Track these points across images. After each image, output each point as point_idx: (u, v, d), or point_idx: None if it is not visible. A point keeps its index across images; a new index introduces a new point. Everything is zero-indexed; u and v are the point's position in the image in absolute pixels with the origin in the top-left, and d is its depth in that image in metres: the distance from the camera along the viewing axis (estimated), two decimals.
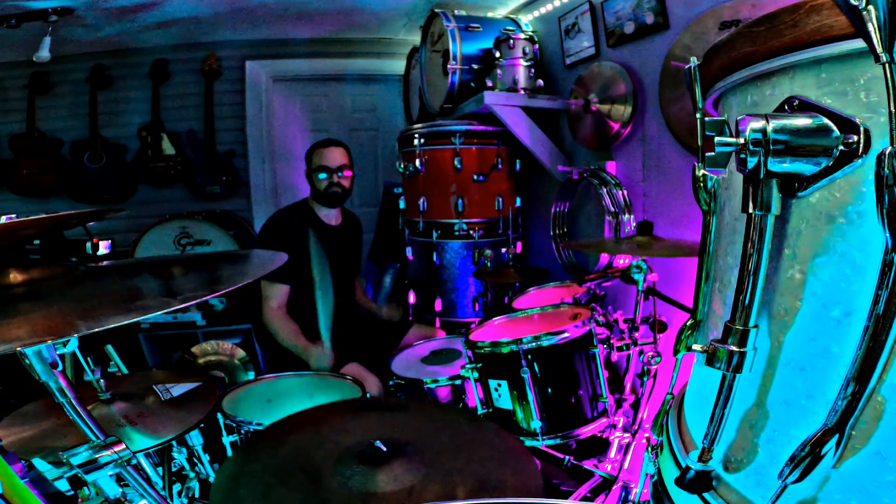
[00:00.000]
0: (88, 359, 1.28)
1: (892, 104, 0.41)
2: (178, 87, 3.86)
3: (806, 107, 0.50)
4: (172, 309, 0.74)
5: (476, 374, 1.63)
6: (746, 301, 0.53)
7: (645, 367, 1.62)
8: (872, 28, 0.40)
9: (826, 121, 0.48)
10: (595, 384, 1.59)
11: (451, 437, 1.11)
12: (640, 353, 1.66)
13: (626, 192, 2.34)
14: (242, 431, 1.56)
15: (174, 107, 3.85)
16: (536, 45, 2.84)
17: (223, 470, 1.06)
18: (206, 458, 1.56)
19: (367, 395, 1.72)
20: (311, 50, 4.00)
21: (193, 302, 0.75)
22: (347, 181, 2.45)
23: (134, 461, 0.81)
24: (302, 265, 2.29)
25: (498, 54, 2.71)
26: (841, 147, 0.47)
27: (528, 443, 1.54)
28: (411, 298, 3.09)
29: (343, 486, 0.96)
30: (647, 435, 1.56)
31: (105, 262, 1.07)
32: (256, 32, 3.79)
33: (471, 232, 2.85)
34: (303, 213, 2.46)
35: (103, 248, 3.12)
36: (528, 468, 0.99)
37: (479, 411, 1.64)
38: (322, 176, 2.40)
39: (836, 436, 0.46)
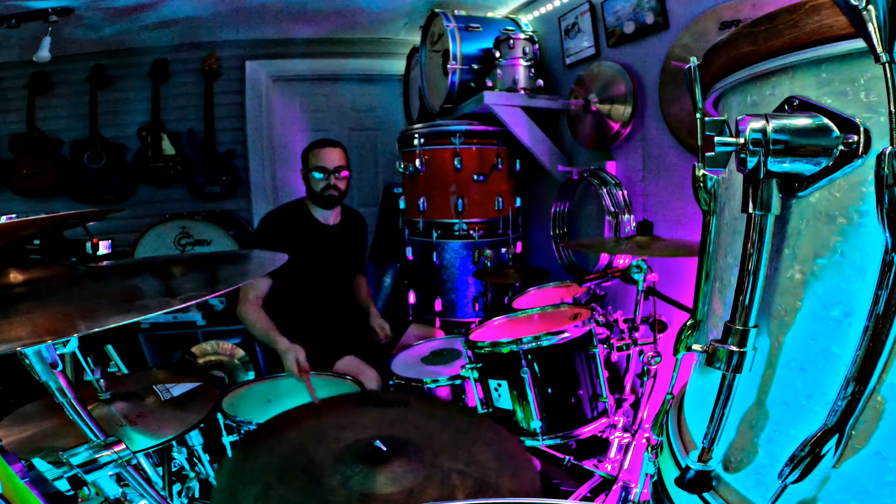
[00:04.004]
0: (88, 359, 1.28)
1: (892, 104, 0.41)
2: (178, 87, 3.86)
3: (806, 107, 0.50)
4: (172, 309, 0.74)
5: (476, 374, 1.63)
6: (746, 301, 0.53)
7: (645, 367, 1.62)
8: (872, 28, 0.40)
9: (826, 121, 0.48)
10: (595, 384, 1.59)
11: (451, 436, 1.11)
12: (640, 353, 1.66)
13: (626, 192, 2.34)
14: (242, 431, 1.57)
15: (174, 107, 3.85)
16: (536, 45, 2.84)
17: (223, 469, 1.06)
18: (206, 458, 1.56)
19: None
20: (311, 50, 4.01)
21: (193, 302, 0.75)
22: (344, 182, 2.41)
23: (134, 461, 0.81)
24: (298, 264, 2.28)
25: (498, 54, 2.71)
26: (841, 147, 0.47)
27: (528, 443, 1.54)
28: (411, 298, 3.09)
29: (343, 486, 0.96)
30: (647, 435, 1.56)
31: (105, 262, 1.07)
32: (256, 32, 3.78)
33: (471, 232, 2.85)
34: (298, 212, 2.44)
35: (103, 248, 3.12)
36: (527, 468, 0.99)
37: (479, 411, 1.64)
38: (318, 176, 2.36)
39: (836, 436, 0.46)
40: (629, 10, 2.27)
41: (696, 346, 0.60)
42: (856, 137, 0.47)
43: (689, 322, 0.68)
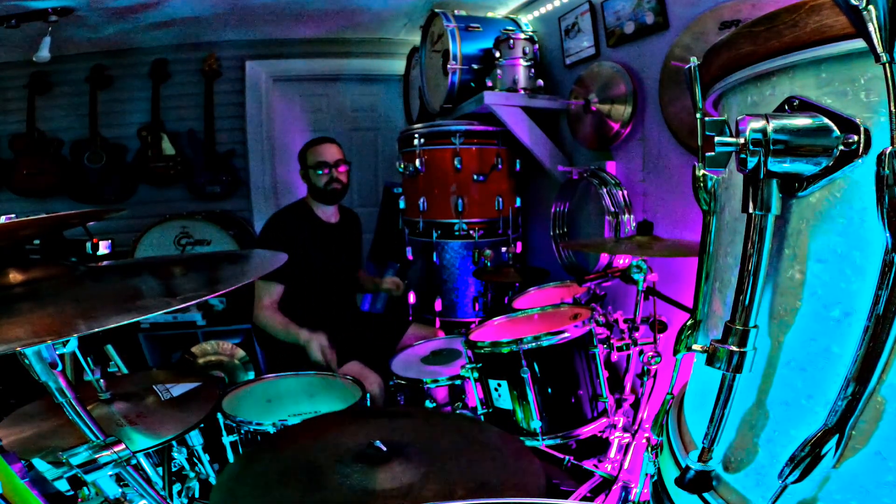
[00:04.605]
0: (88, 359, 1.28)
1: (892, 104, 0.41)
2: (178, 87, 3.86)
3: (806, 107, 0.50)
4: (172, 309, 0.74)
5: (476, 374, 1.63)
6: (746, 301, 0.53)
7: (645, 367, 1.62)
8: (872, 28, 0.40)
9: (826, 121, 0.48)
10: (595, 384, 1.59)
11: (452, 440, 1.11)
12: (640, 353, 1.66)
13: (626, 192, 2.34)
14: (242, 431, 1.56)
15: (174, 107, 3.85)
16: (536, 45, 2.84)
17: (226, 471, 1.07)
18: (206, 458, 1.56)
19: (368, 395, 1.71)
20: (311, 50, 4.00)
21: (193, 302, 0.75)
22: (345, 176, 2.45)
23: (134, 461, 0.81)
24: (300, 265, 2.29)
25: (498, 54, 2.71)
26: (841, 147, 0.47)
27: (528, 443, 1.53)
28: (411, 298, 3.09)
29: (342, 484, 0.97)
30: (647, 435, 1.56)
31: (105, 262, 1.07)
32: (256, 32, 3.78)
33: (471, 232, 2.85)
34: (301, 213, 2.46)
35: (103, 248, 3.12)
36: (530, 470, 0.99)
37: (480, 411, 1.64)
38: (320, 172, 2.39)
39: (836, 436, 0.46)
40: (629, 10, 2.27)
41: (696, 346, 0.60)
42: (856, 137, 0.47)
43: (689, 322, 0.68)
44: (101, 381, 1.34)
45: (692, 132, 0.70)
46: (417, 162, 2.86)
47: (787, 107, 0.53)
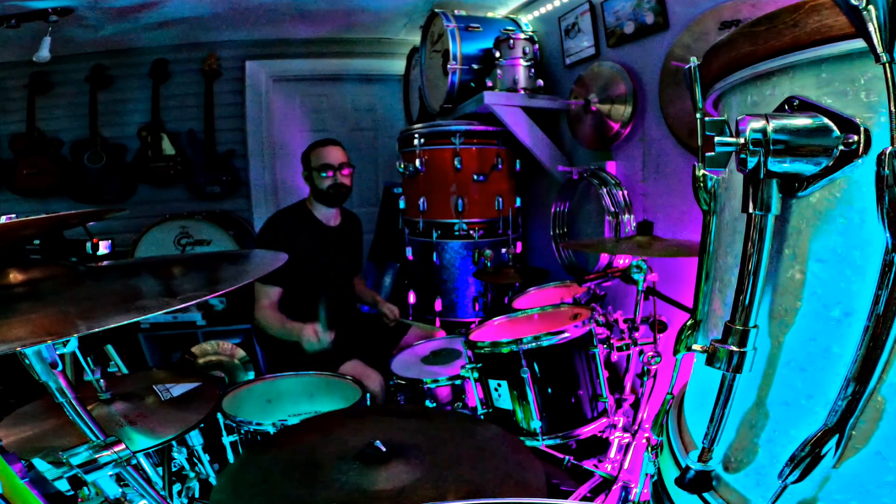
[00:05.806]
0: (88, 359, 1.28)
1: (892, 104, 0.41)
2: (178, 87, 3.86)
3: (806, 107, 0.50)
4: (172, 309, 0.74)
5: (476, 374, 1.63)
6: (746, 301, 0.53)
7: (645, 367, 1.62)
8: (872, 28, 0.40)
9: (826, 121, 0.48)
10: (595, 384, 1.59)
11: (453, 440, 1.11)
12: (640, 353, 1.66)
13: (626, 192, 2.34)
14: (242, 431, 1.56)
15: (174, 107, 3.85)
16: (536, 45, 2.84)
17: (236, 461, 1.08)
18: (206, 458, 1.56)
19: (368, 395, 1.71)
20: (311, 50, 4.01)
21: (193, 302, 0.75)
22: (349, 179, 2.45)
23: (134, 461, 0.81)
24: (298, 267, 2.29)
25: (498, 54, 2.71)
26: (841, 147, 0.47)
27: (529, 443, 1.53)
28: (411, 298, 3.09)
29: (337, 481, 0.97)
30: (647, 435, 1.56)
31: (105, 262, 1.07)
32: (256, 32, 3.78)
33: (471, 232, 2.85)
34: (300, 215, 2.46)
35: (103, 248, 3.12)
36: (530, 470, 0.99)
37: (479, 411, 1.64)
38: (324, 174, 2.39)
39: (836, 436, 0.46)
40: (629, 10, 2.27)
41: (696, 346, 0.60)
42: (856, 137, 0.47)
43: (689, 322, 0.68)
44: (101, 381, 1.34)
45: (692, 132, 0.70)
46: (417, 162, 2.86)
47: (787, 107, 0.53)
